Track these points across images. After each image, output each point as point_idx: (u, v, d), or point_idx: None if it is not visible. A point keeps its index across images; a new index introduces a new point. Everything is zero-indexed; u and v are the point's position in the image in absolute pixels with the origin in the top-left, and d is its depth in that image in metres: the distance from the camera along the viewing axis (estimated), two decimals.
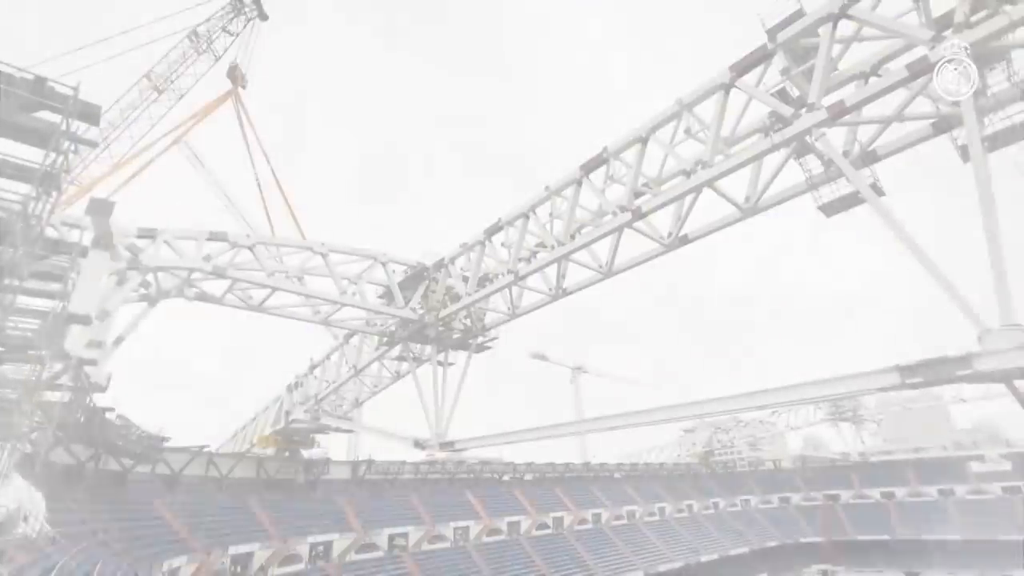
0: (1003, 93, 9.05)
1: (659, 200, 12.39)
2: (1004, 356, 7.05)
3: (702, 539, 54.96)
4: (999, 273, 7.28)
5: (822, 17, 9.72)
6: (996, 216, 7.49)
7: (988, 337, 7.14)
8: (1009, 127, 9.12)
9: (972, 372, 7.34)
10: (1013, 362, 6.98)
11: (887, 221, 8.69)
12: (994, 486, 52.96)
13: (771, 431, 71.90)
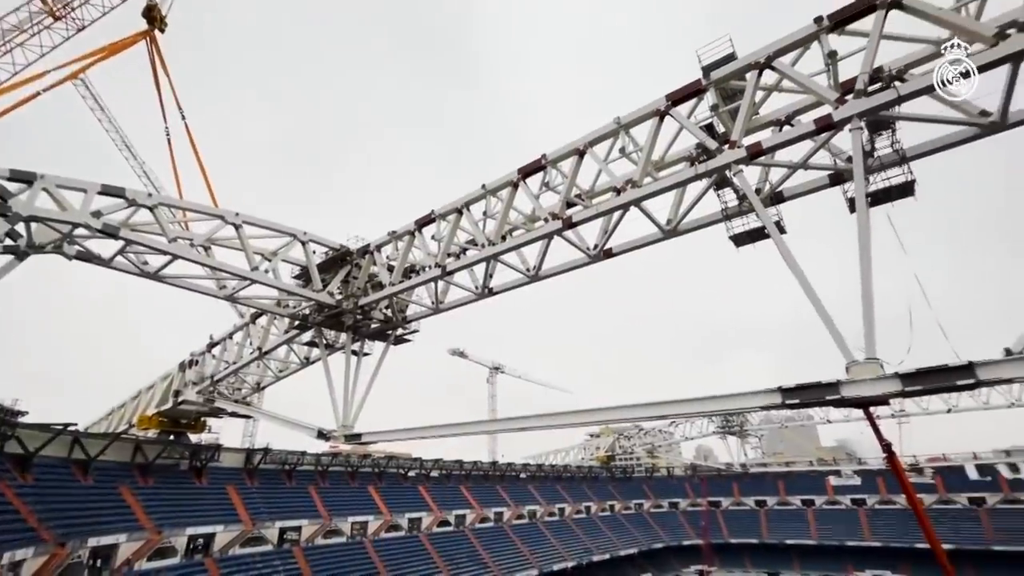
0: (887, 157, 10.38)
1: (589, 212, 12.83)
2: (864, 385, 8.10)
3: (597, 539, 57.48)
4: (868, 313, 8.34)
5: (750, 64, 10.59)
6: (870, 263, 8.57)
7: (854, 368, 8.17)
8: (888, 187, 10.49)
9: (839, 397, 8.34)
10: (871, 390, 8.05)
11: (785, 256, 9.62)
12: (845, 498, 60.41)
13: (668, 440, 76.96)
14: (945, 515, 53.03)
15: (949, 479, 55.98)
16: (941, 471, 56.97)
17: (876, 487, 59.18)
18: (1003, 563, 47.04)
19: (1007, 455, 55.77)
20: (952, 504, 54.17)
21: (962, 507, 53.50)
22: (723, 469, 73.71)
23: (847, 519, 58.09)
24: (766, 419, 75.00)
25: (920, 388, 7.77)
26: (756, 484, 67.04)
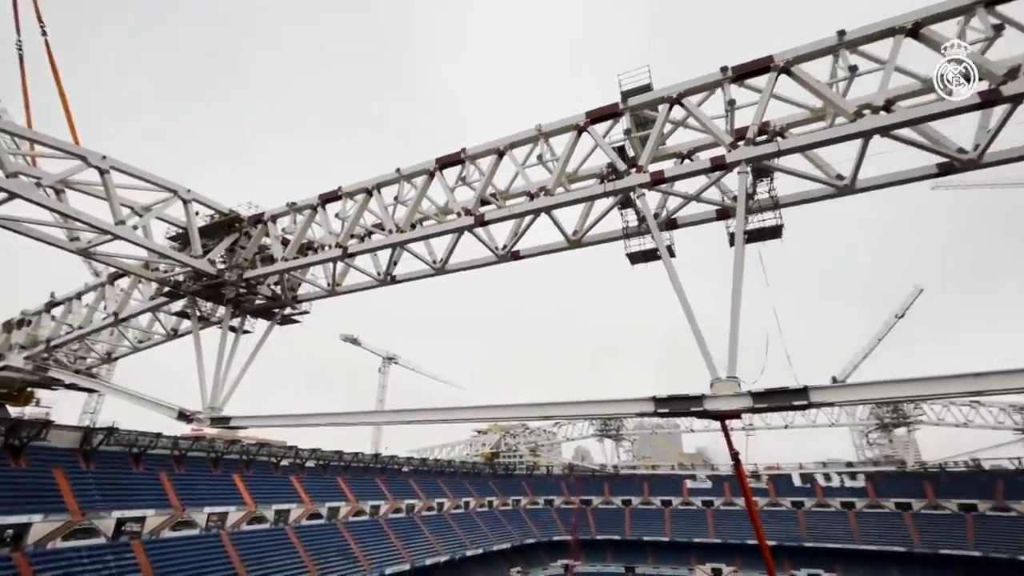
0: (764, 201, 11.78)
1: (502, 213, 12.98)
2: (723, 400, 9.14)
3: (472, 534, 58.31)
4: (733, 337, 9.42)
5: (662, 98, 11.44)
6: (740, 293, 9.67)
7: (717, 384, 9.19)
8: (762, 228, 11.90)
9: (702, 409, 9.31)
10: (728, 405, 9.10)
11: (671, 278, 10.52)
12: (697, 499, 67.50)
13: (551, 440, 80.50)
14: (773, 516, 61.43)
15: (779, 485, 64.91)
16: (774, 478, 65.85)
17: (723, 490, 66.90)
18: (813, 557, 55.77)
19: (824, 466, 66.05)
20: (779, 506, 62.88)
21: (786, 509, 62.35)
22: (597, 470, 78.60)
23: (697, 518, 64.95)
24: (640, 425, 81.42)
25: (766, 406, 8.93)
26: (624, 485, 72.41)
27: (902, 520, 56.26)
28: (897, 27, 9.64)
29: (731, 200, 12.30)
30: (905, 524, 55.67)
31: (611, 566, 62.66)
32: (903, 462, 63.38)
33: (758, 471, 66.54)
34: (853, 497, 60.57)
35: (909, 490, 58.52)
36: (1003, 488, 53.96)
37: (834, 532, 57.50)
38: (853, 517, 58.63)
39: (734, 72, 10.81)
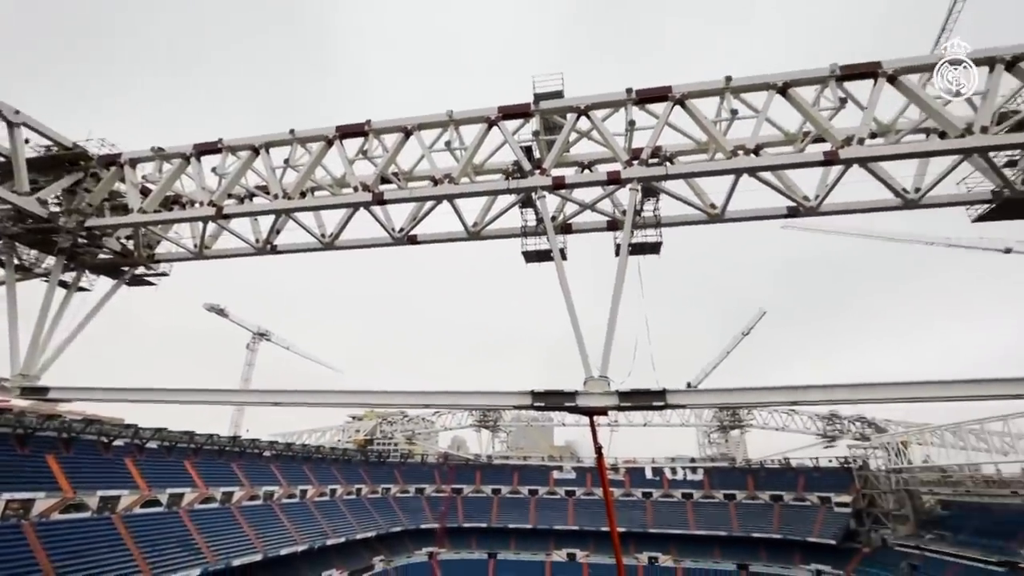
0: (648, 219, 12.83)
1: (402, 194, 12.57)
2: (593, 398, 9.83)
3: (335, 522, 56.09)
4: (608, 340, 10.16)
5: (572, 107, 11.91)
6: (619, 300, 10.46)
7: (590, 382, 9.86)
8: (644, 243, 12.95)
9: (574, 405, 9.91)
10: (597, 402, 9.81)
11: (561, 280, 11.03)
12: (561, 489, 71.89)
13: (429, 429, 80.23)
14: (626, 505, 67.56)
15: (634, 477, 71.56)
16: (630, 471, 72.43)
17: (585, 481, 72.03)
18: (655, 541, 62.48)
19: (672, 461, 74.12)
20: (632, 496, 69.33)
21: (637, 499, 68.96)
22: (472, 459, 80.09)
23: (559, 506, 69.19)
24: (517, 417, 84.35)
25: (630, 404, 9.77)
26: (496, 474, 74.65)
27: (727, 509, 65.25)
28: (771, 83, 11.06)
29: (621, 213, 13.20)
30: (729, 512, 64.65)
31: (475, 552, 64.37)
32: (734, 459, 73.50)
33: (617, 464, 72.65)
34: (692, 489, 68.87)
35: (735, 483, 68.03)
36: (803, 482, 65.12)
37: (674, 519, 64.92)
38: (690, 506, 66.69)
39: (637, 95, 11.60)
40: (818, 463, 66.79)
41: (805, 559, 57.15)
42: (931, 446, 55.21)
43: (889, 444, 60.20)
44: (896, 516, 58.49)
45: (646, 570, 60.12)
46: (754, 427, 71.22)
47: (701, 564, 59.95)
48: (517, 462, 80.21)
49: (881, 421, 62.96)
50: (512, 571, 61.69)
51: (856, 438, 64.02)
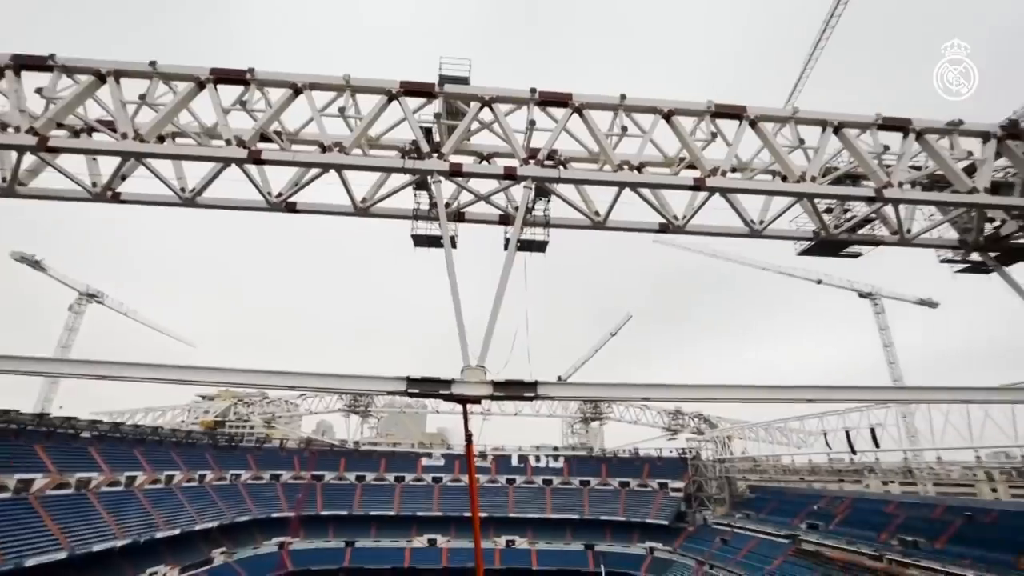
0: (538, 218, 13.30)
1: (285, 157, 11.49)
2: (469, 386, 9.97)
3: (170, 512, 50.04)
4: (489, 330, 10.36)
5: (475, 96, 11.87)
6: (504, 292, 10.72)
7: (467, 371, 9.97)
8: (532, 240, 13.40)
9: (449, 393, 9.95)
10: (472, 391, 9.96)
11: (448, 268, 10.97)
12: (429, 476, 71.99)
13: (292, 412, 74.96)
14: (490, 491, 69.77)
15: (501, 464, 74.14)
16: (497, 458, 74.91)
17: (454, 468, 72.90)
18: (514, 525, 65.47)
19: (537, 449, 78.15)
20: (496, 483, 71.78)
21: (501, 485, 71.58)
22: (337, 445, 76.56)
23: (425, 493, 69.22)
24: (390, 403, 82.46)
25: (503, 394, 10.07)
26: (362, 461, 72.30)
27: (582, 494, 70.68)
28: (658, 108, 12.10)
29: (513, 209, 13.49)
30: (583, 497, 70.09)
31: (331, 541, 61.82)
32: (591, 448, 79.73)
33: (486, 452, 74.66)
34: (553, 476, 73.35)
35: (591, 470, 73.91)
36: (648, 469, 72.93)
37: (533, 504, 68.62)
38: (549, 492, 70.99)
39: (540, 97, 11.92)
40: (661, 453, 75.32)
41: (642, 538, 64.25)
42: (748, 440, 65.46)
43: (718, 438, 70.08)
44: (716, 499, 68.33)
45: (503, 553, 62.78)
46: (612, 419, 77.95)
47: (554, 546, 64.24)
48: (386, 449, 78.50)
49: (714, 418, 72.80)
50: (370, 559, 60.37)
51: (694, 432, 73.32)
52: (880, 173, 12.03)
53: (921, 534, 42.49)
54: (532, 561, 62.13)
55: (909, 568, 39.50)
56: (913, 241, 13.93)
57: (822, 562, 46.19)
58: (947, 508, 45.08)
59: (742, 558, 53.48)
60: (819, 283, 78.31)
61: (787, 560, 49.33)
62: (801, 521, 54.62)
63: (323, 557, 59.65)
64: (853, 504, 53.84)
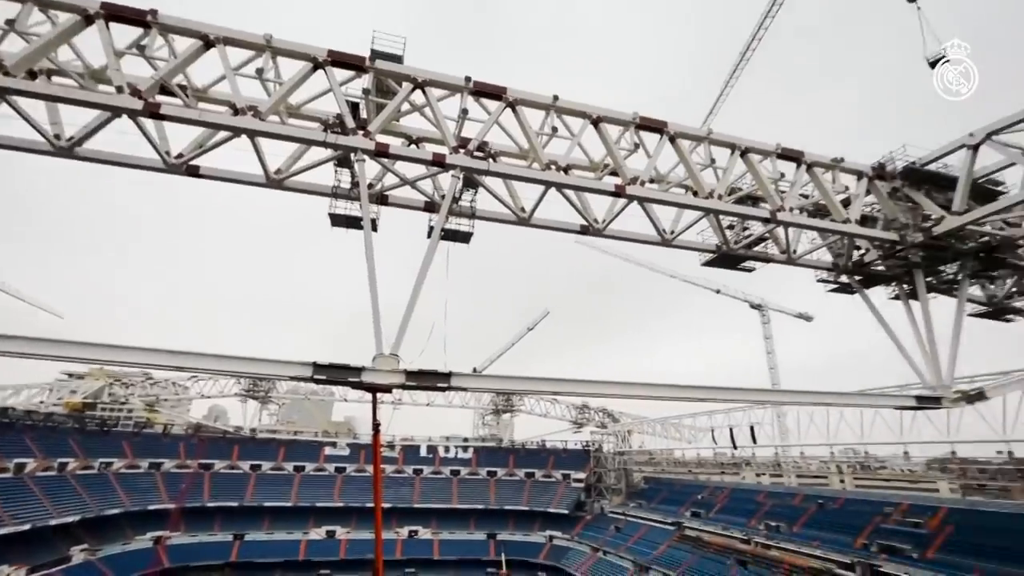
0: (465, 208, 13.18)
1: (189, 114, 10.36)
2: (380, 375, 9.70)
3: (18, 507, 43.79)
4: (406, 318, 10.13)
5: (409, 77, 11.50)
6: (423, 281, 10.54)
7: (379, 359, 9.69)
8: (457, 230, 13.27)
9: (358, 381, 9.62)
10: (382, 379, 9.71)
11: (367, 251, 10.56)
12: (332, 466, 69.27)
13: (180, 395, 68.44)
14: (396, 481, 68.63)
15: (409, 455, 73.12)
16: (406, 448, 73.80)
17: (359, 458, 70.69)
18: (418, 515, 64.97)
19: (447, 440, 78.05)
20: (403, 473, 70.74)
21: (407, 475, 70.67)
22: (231, 432, 71.20)
23: (326, 484, 66.49)
24: (293, 389, 78.18)
25: (415, 384, 9.93)
26: (259, 449, 67.83)
27: (488, 484, 71.73)
28: (588, 114, 12.48)
29: (440, 197, 13.29)
30: (489, 487, 71.18)
31: (217, 535, 57.43)
32: (501, 440, 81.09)
33: (394, 442, 73.26)
34: (461, 466, 73.68)
35: (499, 461, 75.20)
36: (553, 461, 75.64)
37: (439, 494, 68.52)
38: (456, 483, 71.26)
39: (474, 86, 11.81)
40: (567, 446, 78.48)
41: (543, 527, 66.60)
42: (646, 435, 70.14)
43: (619, 432, 74.36)
44: (614, 489, 72.54)
45: (405, 543, 62.11)
46: (523, 412, 79.80)
47: (457, 536, 64.65)
48: (286, 437, 74.25)
49: (617, 413, 77.07)
50: (261, 552, 56.88)
51: (598, 426, 77.14)
52: (775, 197, 13.36)
53: (783, 519, 48.16)
54: (434, 551, 62.10)
55: (771, 549, 44.59)
56: (797, 261, 15.64)
57: (701, 546, 50.81)
58: (805, 496, 51.44)
59: (633, 544, 57.34)
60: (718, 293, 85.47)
61: (671, 546, 53.65)
62: (686, 510, 59.61)
63: (206, 552, 55.25)
64: (731, 494, 59.67)
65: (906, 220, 13.95)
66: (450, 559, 61.25)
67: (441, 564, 60.84)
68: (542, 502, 68.85)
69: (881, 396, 15.76)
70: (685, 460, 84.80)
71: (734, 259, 15.71)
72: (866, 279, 15.99)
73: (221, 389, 68.01)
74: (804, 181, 14.12)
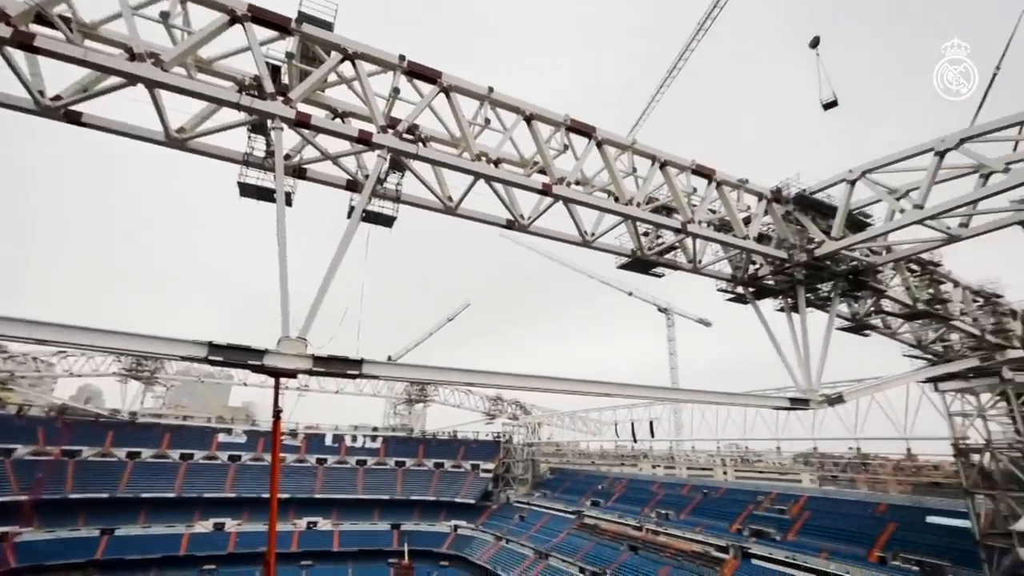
0: (390, 191, 12.73)
1: (72, 51, 8.94)
2: (285, 359, 9.15)
3: None
4: (318, 300, 9.64)
5: (339, 46, 10.86)
6: (340, 262, 10.07)
7: (284, 342, 9.13)
8: (380, 213, 12.79)
9: (260, 364, 9.01)
10: (287, 364, 9.17)
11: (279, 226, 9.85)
12: (225, 454, 64.41)
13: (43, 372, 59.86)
14: (296, 471, 65.35)
15: (313, 444, 69.86)
16: (310, 437, 70.44)
17: (256, 446, 66.32)
18: (319, 506, 62.47)
19: (356, 429, 75.53)
20: (305, 463, 67.50)
21: (310, 465, 67.55)
22: (105, 415, 63.62)
23: (218, 473, 61.69)
24: (185, 370, 71.62)
25: (323, 370, 9.49)
26: (139, 435, 61.32)
27: (395, 474, 70.56)
28: (521, 110, 12.57)
29: (364, 177, 12.77)
30: (396, 477, 70.05)
31: (81, 530, 51.26)
32: (412, 430, 79.95)
33: (297, 430, 69.63)
34: (368, 456, 71.76)
35: (408, 451, 74.20)
36: (463, 451, 76.03)
37: (343, 484, 66.26)
38: (362, 472, 69.31)
39: (408, 66, 11.43)
40: (478, 436, 79.21)
41: (448, 516, 66.83)
42: (555, 427, 72.68)
43: (529, 424, 76.29)
44: (521, 480, 74.43)
45: (302, 535, 59.44)
46: (437, 402, 79.19)
47: (360, 526, 62.95)
48: (173, 422, 67.72)
49: (529, 405, 79.00)
50: (134, 548, 51.56)
51: (510, 418, 78.57)
52: (687, 210, 14.35)
53: (672, 507, 52.28)
54: (334, 543, 60.05)
55: (660, 535, 48.27)
56: (702, 270, 16.94)
57: (598, 533, 53.75)
58: (692, 487, 56.18)
59: (535, 532, 59.31)
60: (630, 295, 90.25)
61: (571, 533, 56.22)
62: (587, 499, 62.66)
63: (66, 549, 49.00)
64: (628, 484, 63.64)
65: (794, 241, 15.60)
66: (350, 551, 59.54)
67: (340, 556, 59.00)
68: (449, 492, 69.02)
69: (762, 397, 17.54)
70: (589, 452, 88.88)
71: (647, 264, 16.66)
72: (758, 291, 17.68)
73: (96, 367, 60.31)
74: (713, 197, 15.29)
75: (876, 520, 37.37)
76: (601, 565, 47.54)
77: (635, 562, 46.54)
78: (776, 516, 43.46)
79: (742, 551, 40.78)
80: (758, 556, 39.45)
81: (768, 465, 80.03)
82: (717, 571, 40.39)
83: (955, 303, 19.65)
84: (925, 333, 22.93)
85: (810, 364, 15.90)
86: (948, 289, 19.62)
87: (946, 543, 31.56)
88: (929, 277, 19.10)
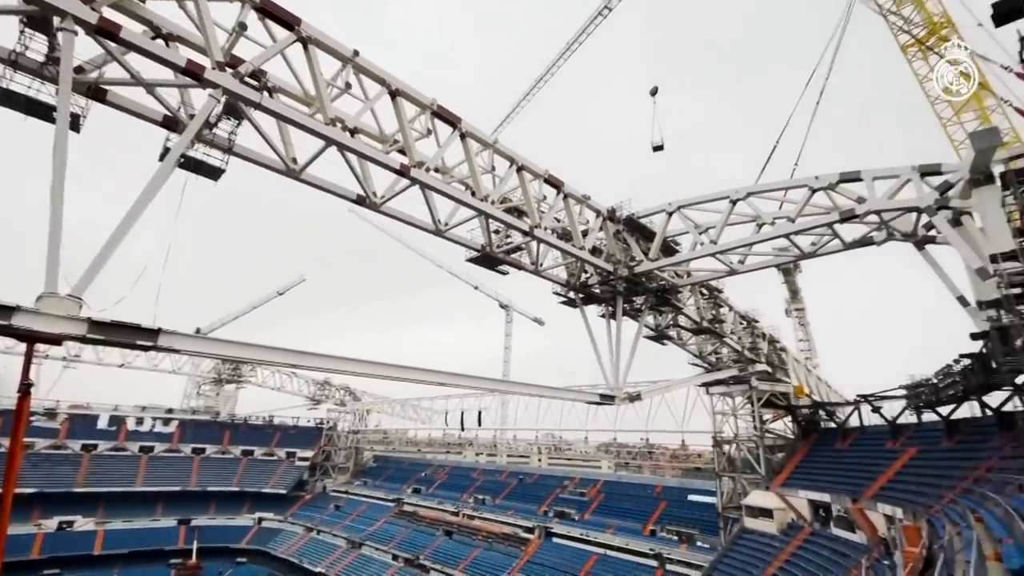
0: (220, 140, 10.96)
1: None
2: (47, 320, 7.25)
3: None
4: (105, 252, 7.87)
5: None
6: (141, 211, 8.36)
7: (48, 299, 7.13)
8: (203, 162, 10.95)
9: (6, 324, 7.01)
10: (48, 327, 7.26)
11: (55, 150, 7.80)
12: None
13: None
14: (50, 460, 52.95)
15: (79, 426, 57.28)
16: (75, 418, 57.63)
17: None
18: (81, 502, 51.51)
19: (143, 410, 63.90)
20: (65, 449, 55.03)
21: (71, 452, 55.27)
22: None
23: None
24: None
25: (103, 338, 7.80)
26: None
27: (191, 463, 61.59)
28: (387, 82, 11.94)
29: (188, 116, 10.83)
30: (192, 467, 61.19)
31: None
32: (218, 413, 70.60)
33: (58, 409, 56.47)
34: (156, 442, 61.41)
35: (210, 437, 65.43)
36: (279, 438, 69.80)
37: (117, 476, 55.64)
38: (146, 461, 59.01)
39: (261, 3, 10.02)
40: (298, 422, 73.40)
41: (253, 508, 60.65)
42: (385, 414, 71.08)
43: (357, 411, 73.27)
44: (341, 468, 71.08)
45: (48, 538, 48.21)
46: (253, 383, 71.19)
47: (135, 524, 53.39)
48: None
49: (360, 391, 75.85)
50: None
51: (337, 404, 74.40)
52: (536, 215, 15.24)
53: (490, 493, 55.18)
54: (96, 545, 49.88)
55: (475, 519, 50.58)
56: (542, 273, 18.17)
57: (416, 520, 54.13)
58: (509, 473, 60.04)
59: (351, 521, 57.27)
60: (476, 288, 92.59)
61: (388, 521, 55.63)
62: (409, 487, 62.62)
63: None
64: (451, 471, 65.30)
65: (620, 257, 17.70)
66: (119, 553, 50.03)
67: (105, 560, 49.25)
68: (257, 482, 62.74)
69: (578, 392, 19.54)
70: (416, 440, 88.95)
71: (494, 261, 17.27)
72: (586, 298, 19.64)
73: None
74: (559, 207, 16.50)
75: (653, 499, 44.51)
76: (415, 551, 48.02)
77: (448, 546, 48.05)
78: (577, 498, 48.89)
79: (546, 531, 44.97)
80: (558, 535, 43.93)
81: (576, 453, 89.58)
82: (522, 550, 43.89)
83: (728, 324, 24.42)
84: (705, 346, 28.06)
85: (620, 365, 18.20)
86: (725, 312, 24.28)
87: (699, 516, 39.12)
88: (714, 301, 23.43)
